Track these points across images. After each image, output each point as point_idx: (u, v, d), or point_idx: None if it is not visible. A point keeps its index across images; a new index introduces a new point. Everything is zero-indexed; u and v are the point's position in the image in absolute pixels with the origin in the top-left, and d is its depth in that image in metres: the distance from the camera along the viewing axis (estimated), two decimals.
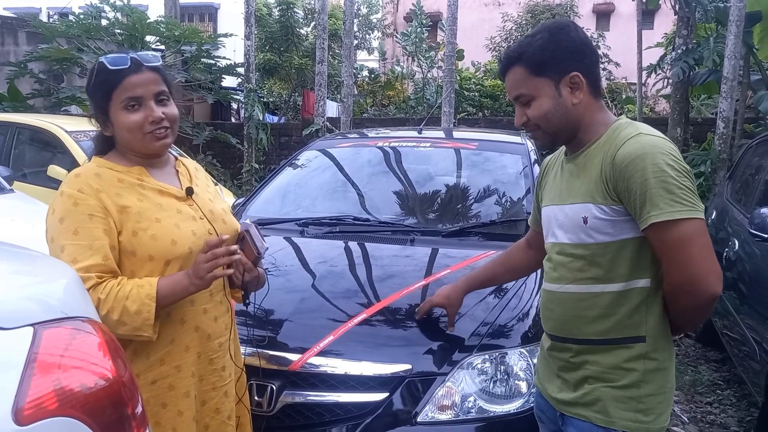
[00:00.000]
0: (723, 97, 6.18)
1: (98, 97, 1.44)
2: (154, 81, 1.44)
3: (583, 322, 1.40)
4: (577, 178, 1.42)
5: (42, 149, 5.49)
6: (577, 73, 1.39)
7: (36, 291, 1.02)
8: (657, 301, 1.36)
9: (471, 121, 9.75)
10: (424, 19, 11.17)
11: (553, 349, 1.51)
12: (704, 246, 1.28)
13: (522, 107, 1.45)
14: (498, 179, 2.99)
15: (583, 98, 1.40)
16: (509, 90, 1.48)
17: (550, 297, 1.49)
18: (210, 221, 1.51)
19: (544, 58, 1.39)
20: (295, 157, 3.38)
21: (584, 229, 1.37)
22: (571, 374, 1.45)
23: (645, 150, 1.29)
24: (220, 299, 1.52)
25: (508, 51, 1.46)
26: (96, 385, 0.93)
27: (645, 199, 1.27)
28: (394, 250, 2.46)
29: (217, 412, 1.51)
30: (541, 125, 1.43)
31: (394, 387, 1.75)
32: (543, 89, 1.40)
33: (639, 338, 1.36)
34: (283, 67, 12.52)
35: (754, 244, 3.05)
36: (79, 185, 1.38)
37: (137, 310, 1.31)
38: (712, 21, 7.19)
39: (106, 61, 1.42)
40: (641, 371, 1.36)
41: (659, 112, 11.77)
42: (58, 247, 1.34)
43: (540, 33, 1.42)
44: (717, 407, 3.35)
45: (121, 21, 8.03)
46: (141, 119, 1.42)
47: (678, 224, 1.26)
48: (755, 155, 3.98)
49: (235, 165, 9.11)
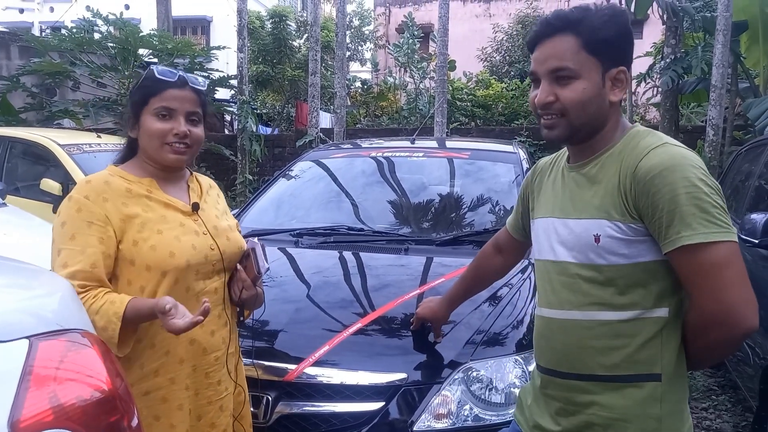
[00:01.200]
0: (712, 104, 6.25)
1: (137, 99, 1.49)
2: (192, 100, 1.49)
3: (589, 353, 1.22)
4: (588, 190, 1.24)
5: (35, 163, 5.47)
6: (625, 69, 1.22)
7: (31, 304, 1.02)
8: (675, 335, 1.20)
9: (463, 131, 9.80)
10: (416, 30, 11.25)
11: (550, 387, 1.31)
12: (740, 272, 1.13)
13: (553, 85, 1.22)
14: (491, 188, 3.01)
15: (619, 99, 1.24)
16: (543, 60, 1.23)
17: (549, 325, 1.30)
18: (213, 237, 1.52)
19: (605, 36, 1.19)
20: (288, 168, 3.39)
21: (595, 249, 1.20)
22: (571, 419, 1.25)
23: (674, 162, 1.13)
24: (218, 313, 1.52)
25: (559, 14, 1.23)
26: (92, 397, 0.93)
27: (673, 217, 1.11)
28: (388, 260, 2.46)
29: (212, 426, 1.51)
30: (571, 113, 1.21)
31: (389, 396, 1.75)
32: (591, 71, 1.20)
33: (653, 376, 1.19)
34: (276, 78, 12.55)
35: (744, 249, 3.07)
36: (87, 191, 1.41)
37: (103, 327, 1.31)
38: (699, 30, 7.29)
39: (156, 69, 1.48)
40: (656, 417, 1.18)
41: (650, 120, 11.87)
42: (56, 251, 1.38)
43: (601, 9, 1.21)
44: (712, 412, 3.36)
45: (113, 34, 8.05)
46: (166, 129, 1.46)
47: (712, 247, 1.10)
48: (744, 161, 4.03)
49: (229, 176, 9.10)
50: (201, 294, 1.47)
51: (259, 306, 1.65)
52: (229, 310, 1.56)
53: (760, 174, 3.51)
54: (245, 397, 1.64)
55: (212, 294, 1.50)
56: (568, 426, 1.27)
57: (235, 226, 1.65)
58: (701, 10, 7.04)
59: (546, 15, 1.29)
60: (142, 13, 14.54)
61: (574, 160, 1.31)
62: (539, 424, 1.34)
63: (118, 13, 7.97)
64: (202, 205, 1.56)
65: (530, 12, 16.15)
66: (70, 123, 8.02)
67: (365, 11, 17.46)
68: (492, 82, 11.64)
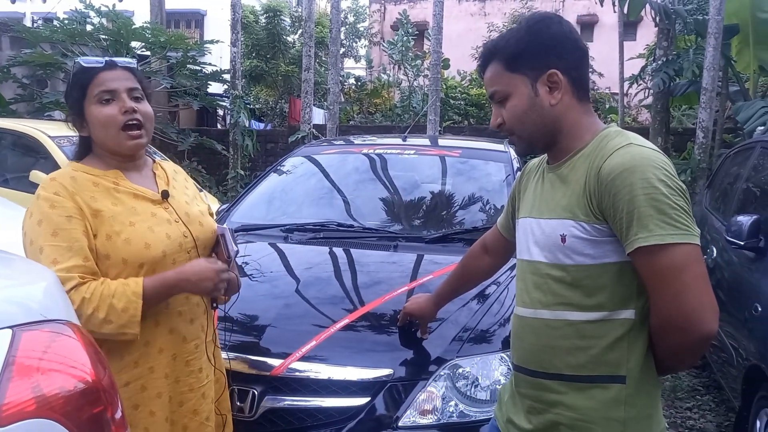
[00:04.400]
0: (702, 107, 6.30)
1: (74, 96, 1.46)
2: (127, 77, 1.47)
3: (556, 353, 1.24)
4: (558, 191, 1.26)
5: (24, 154, 5.43)
6: (555, 71, 1.24)
7: (15, 294, 1.02)
8: (641, 337, 1.19)
9: (456, 129, 9.82)
10: (411, 28, 11.26)
11: (521, 385, 1.33)
12: (699, 276, 1.11)
13: (498, 107, 1.32)
14: (481, 186, 3.02)
15: (563, 99, 1.25)
16: (486, 87, 1.36)
17: (521, 323, 1.32)
18: (185, 224, 1.51)
19: (518, 52, 1.26)
20: (280, 163, 3.39)
21: (562, 249, 1.21)
22: (540, 417, 1.27)
23: (635, 162, 1.13)
24: (196, 301, 1.52)
25: (485, 45, 1.36)
26: (75, 388, 0.93)
27: (632, 218, 1.11)
28: (377, 256, 2.47)
29: (195, 413, 1.51)
30: (515, 128, 1.29)
31: (375, 392, 1.75)
32: (518, 87, 1.26)
33: (618, 378, 1.19)
34: (269, 74, 12.52)
35: (731, 251, 3.11)
36: (55, 188, 1.39)
37: (124, 308, 1.31)
38: (691, 33, 7.34)
39: (81, 61, 1.47)
40: (621, 421, 1.18)
41: (641, 122, 11.94)
42: (37, 249, 1.34)
43: (518, 28, 1.30)
44: (696, 412, 3.39)
45: (106, 26, 7.99)
46: (114, 112, 1.43)
47: (669, 249, 1.09)
48: (733, 164, 4.06)
49: (221, 171, 9.08)
50: None
51: (234, 292, 1.63)
52: (206, 297, 1.55)
53: (747, 177, 3.55)
54: (224, 382, 1.64)
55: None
56: (537, 424, 1.28)
57: (207, 210, 1.63)
58: (693, 12, 7.10)
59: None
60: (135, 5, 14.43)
61: (552, 161, 1.34)
62: (512, 420, 1.36)
63: (111, 5, 7.92)
64: (171, 191, 1.54)
65: (525, 11, 16.18)
66: (60, 115, 7.96)
67: (360, 8, 17.45)
68: None
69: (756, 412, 2.52)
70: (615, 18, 8.79)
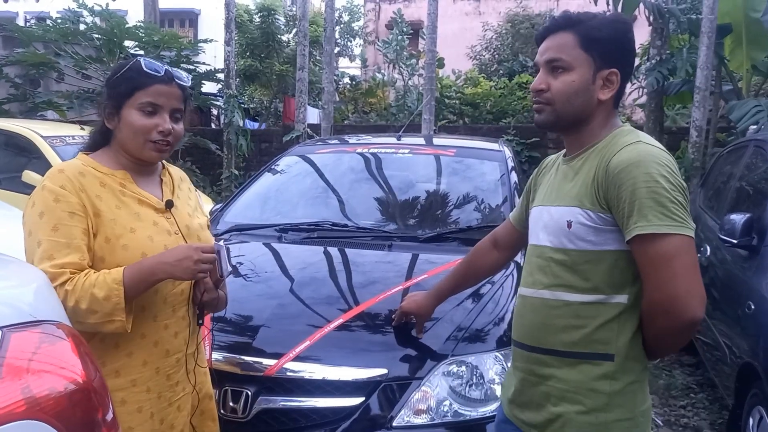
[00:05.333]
0: (696, 106, 6.32)
1: (120, 90, 1.44)
2: (177, 97, 1.47)
3: (552, 330, 1.34)
4: (570, 181, 1.36)
5: (17, 154, 5.40)
6: (616, 71, 1.32)
7: (5, 294, 1.01)
8: (632, 321, 1.29)
9: (451, 129, 9.82)
10: (405, 27, 11.23)
11: (518, 359, 1.44)
12: (689, 265, 1.21)
13: (548, 74, 1.34)
14: (476, 185, 3.02)
15: (608, 99, 1.34)
16: (544, 51, 1.36)
17: (524, 302, 1.43)
18: (185, 237, 1.50)
19: (600, 37, 1.30)
20: (274, 163, 3.38)
21: (567, 234, 1.31)
22: (534, 390, 1.38)
23: (640, 158, 1.23)
24: (182, 315, 1.50)
25: (564, 14, 1.37)
26: (66, 389, 0.92)
27: (633, 208, 1.21)
28: (372, 256, 2.47)
29: (171, 428, 1.48)
30: (557, 102, 1.33)
31: (370, 392, 1.75)
32: (583, 66, 1.31)
33: (607, 356, 1.29)
34: (263, 73, 12.47)
35: (724, 249, 3.12)
36: (62, 181, 1.36)
37: (106, 296, 1.29)
38: (685, 32, 7.35)
39: (143, 62, 1.44)
40: (607, 393, 1.28)
41: (635, 121, 11.98)
42: (35, 242, 1.32)
43: (602, 16, 1.35)
44: (690, 410, 3.41)
45: (99, 26, 7.94)
46: (151, 126, 1.43)
47: (664, 238, 1.19)
48: (726, 163, 4.08)
49: (215, 171, 9.03)
50: (168, 296, 1.45)
51: (220, 309, 1.63)
52: (191, 311, 1.53)
53: (740, 175, 3.56)
54: (207, 391, 1.61)
55: (179, 296, 1.48)
56: (531, 396, 1.39)
57: (206, 223, 1.62)
58: (687, 12, 7.12)
59: (556, 15, 1.43)
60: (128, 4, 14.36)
61: (568, 153, 1.43)
62: (509, 396, 1.48)
63: (104, 4, 7.87)
64: (175, 201, 1.53)
65: (520, 11, 16.20)
66: (53, 114, 7.92)
67: (355, 7, 17.41)
68: (481, 80, 11.67)
69: (749, 409, 2.54)
70: None
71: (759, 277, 2.65)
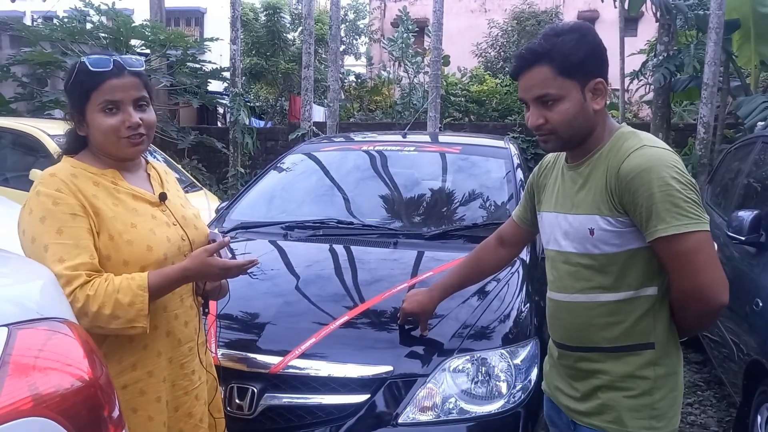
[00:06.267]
0: (703, 102, 6.28)
1: (76, 97, 1.41)
2: (135, 86, 1.42)
3: (593, 330, 1.42)
4: (582, 189, 1.41)
5: (25, 153, 5.43)
6: (602, 80, 1.37)
7: (11, 292, 1.02)
8: (664, 308, 1.39)
9: (457, 126, 9.80)
10: (411, 24, 11.22)
11: (563, 358, 1.52)
12: (711, 256, 1.30)
13: (541, 109, 1.37)
14: (481, 183, 3.01)
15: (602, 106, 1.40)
16: (528, 89, 1.38)
17: (558, 306, 1.50)
18: (183, 227, 1.51)
19: (575, 59, 1.33)
20: (279, 161, 3.38)
21: (591, 240, 1.38)
22: (582, 383, 1.46)
23: (650, 164, 1.29)
24: (190, 304, 1.52)
25: (532, 46, 1.36)
26: (72, 386, 0.93)
27: (651, 213, 1.28)
28: (377, 253, 2.46)
29: (189, 416, 1.50)
30: (560, 130, 1.37)
31: (375, 389, 1.75)
32: (570, 92, 1.35)
33: (648, 345, 1.38)
34: (269, 71, 12.50)
35: (732, 246, 3.10)
36: (57, 185, 1.35)
37: (130, 302, 1.29)
38: (692, 28, 7.32)
39: (87, 61, 1.39)
40: (652, 378, 1.38)
41: (642, 118, 11.91)
42: (42, 247, 1.30)
43: (567, 33, 1.35)
44: (698, 408, 3.39)
45: (105, 25, 7.98)
46: (117, 123, 1.39)
47: (685, 237, 1.27)
48: (734, 159, 4.05)
49: (221, 169, 9.06)
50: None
51: (223, 297, 1.63)
52: (197, 300, 1.55)
53: (748, 172, 3.54)
54: (215, 384, 1.63)
55: (185, 286, 1.49)
56: (581, 388, 1.47)
57: (198, 213, 1.63)
58: (694, 8, 7.06)
59: (520, 50, 1.43)
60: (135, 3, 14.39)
61: (572, 160, 1.48)
62: (558, 387, 1.56)
63: (110, 3, 7.90)
64: (167, 194, 1.53)
65: (525, 8, 16.15)
66: (60, 113, 7.95)
67: (360, 4, 17.39)
68: (486, 77, 11.65)
69: (757, 407, 2.52)
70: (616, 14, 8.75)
71: (767, 274, 2.63)
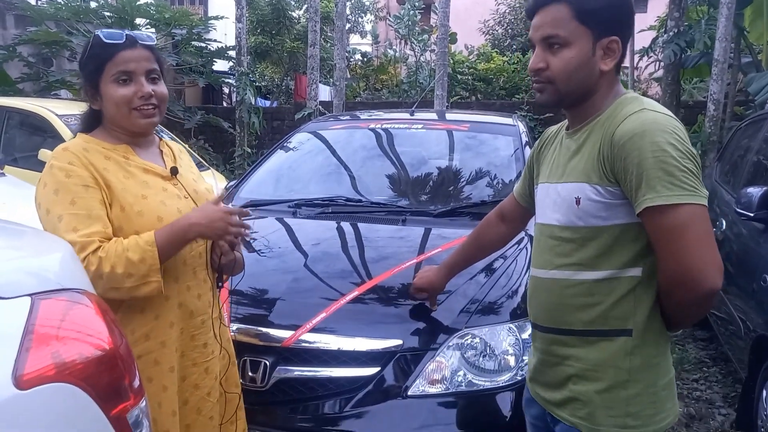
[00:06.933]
0: (714, 79, 6.20)
1: (90, 69, 1.45)
2: (147, 58, 1.46)
3: (568, 310, 1.30)
4: (575, 156, 1.30)
5: (32, 133, 5.45)
6: (617, 39, 1.25)
7: (32, 264, 1.04)
8: (648, 293, 1.25)
9: (464, 105, 9.74)
10: (417, 2, 11.10)
11: (536, 340, 1.42)
12: (704, 234, 1.15)
13: (545, 52, 1.27)
14: (489, 161, 3.01)
15: (611, 69, 1.27)
16: (538, 27, 1.28)
17: (536, 283, 1.39)
18: (194, 200, 1.53)
19: (595, 7, 1.23)
20: (287, 140, 3.39)
21: (576, 211, 1.26)
22: (554, 369, 1.35)
23: (645, 127, 1.17)
24: (203, 277, 1.54)
25: None
26: (93, 355, 0.95)
27: (641, 180, 1.15)
28: (385, 230, 2.48)
29: (196, 387, 1.53)
30: (558, 80, 1.27)
31: (385, 362, 1.78)
32: (580, 39, 1.24)
33: (625, 331, 1.25)
34: (275, 50, 12.41)
35: (740, 223, 3.10)
36: (69, 158, 1.39)
37: (141, 258, 1.33)
38: (703, 4, 7.20)
39: (101, 34, 1.44)
40: (626, 369, 1.25)
41: (652, 96, 11.79)
42: (56, 218, 1.34)
43: None
44: (703, 383, 3.42)
45: (110, 3, 7.93)
46: (130, 93, 1.43)
47: (675, 209, 1.14)
48: (744, 136, 4.02)
49: (227, 149, 9.07)
50: (188, 259, 1.48)
51: (238, 271, 1.66)
52: (212, 274, 1.57)
53: (758, 149, 3.51)
54: (230, 359, 1.66)
55: (197, 258, 1.51)
56: (550, 375, 1.37)
57: (211, 189, 1.65)
58: None
59: None
60: None
61: (570, 126, 1.37)
62: (532, 376, 1.47)
63: None
64: (179, 169, 1.56)
65: None
66: (67, 93, 7.96)
67: None
68: (494, 55, 11.52)
69: (762, 382, 2.54)
70: None
71: None
